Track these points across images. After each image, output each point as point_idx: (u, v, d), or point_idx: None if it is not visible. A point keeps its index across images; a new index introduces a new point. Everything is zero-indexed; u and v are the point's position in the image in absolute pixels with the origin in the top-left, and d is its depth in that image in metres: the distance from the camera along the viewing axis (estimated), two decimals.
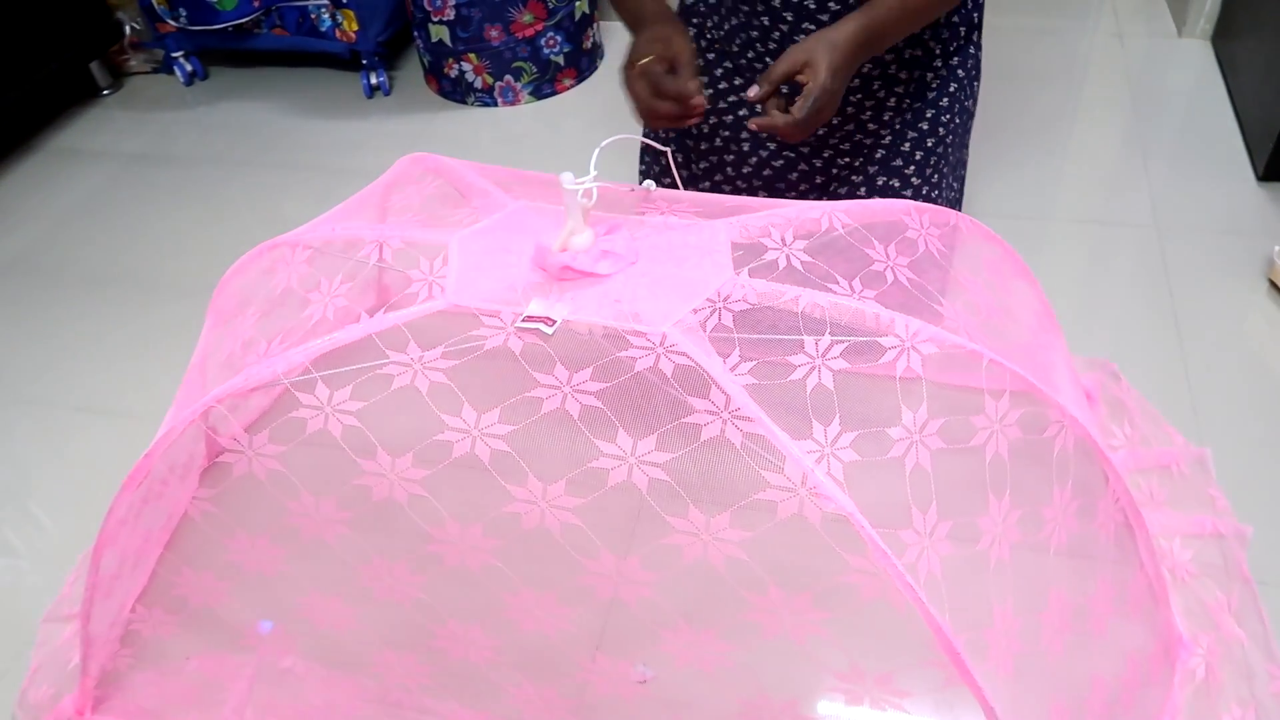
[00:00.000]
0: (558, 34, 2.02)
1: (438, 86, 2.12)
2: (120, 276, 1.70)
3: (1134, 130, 1.81)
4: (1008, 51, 2.01)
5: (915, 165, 1.19)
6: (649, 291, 0.84)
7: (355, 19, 2.03)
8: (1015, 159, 1.76)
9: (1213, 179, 1.67)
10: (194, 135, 2.08)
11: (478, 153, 1.94)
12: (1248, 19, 1.84)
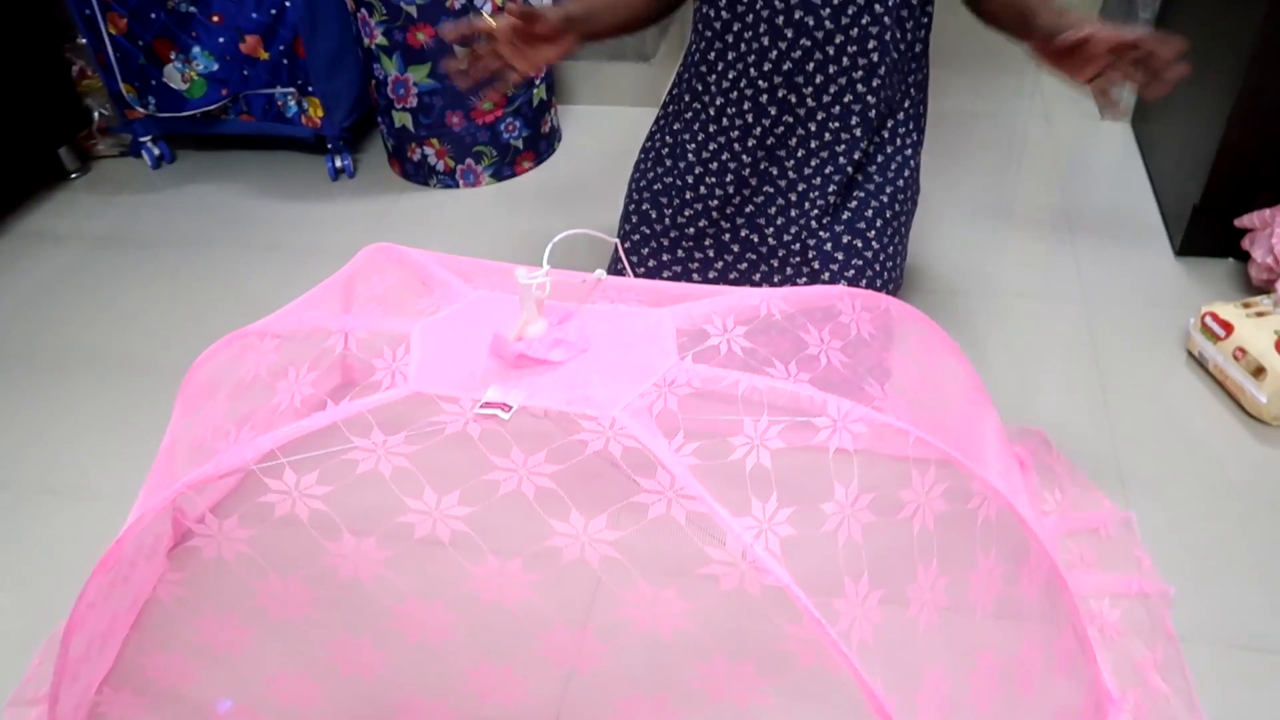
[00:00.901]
0: (517, 120, 2.11)
1: (401, 169, 2.20)
2: (84, 357, 1.73)
3: (1062, 207, 1.93)
4: (945, 133, 2.13)
5: (876, 231, 1.28)
6: (599, 377, 0.90)
7: (320, 106, 2.11)
8: (954, 234, 1.86)
9: (1134, 254, 1.78)
10: (160, 217, 2.13)
11: (440, 232, 2.02)
12: (1162, 102, 1.98)
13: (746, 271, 1.35)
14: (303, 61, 2.05)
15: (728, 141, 1.29)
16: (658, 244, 1.39)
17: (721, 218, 1.34)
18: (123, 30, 2.04)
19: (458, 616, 0.88)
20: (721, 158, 1.30)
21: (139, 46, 2.06)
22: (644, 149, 1.44)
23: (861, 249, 1.28)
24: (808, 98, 1.23)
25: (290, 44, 2.03)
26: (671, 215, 1.36)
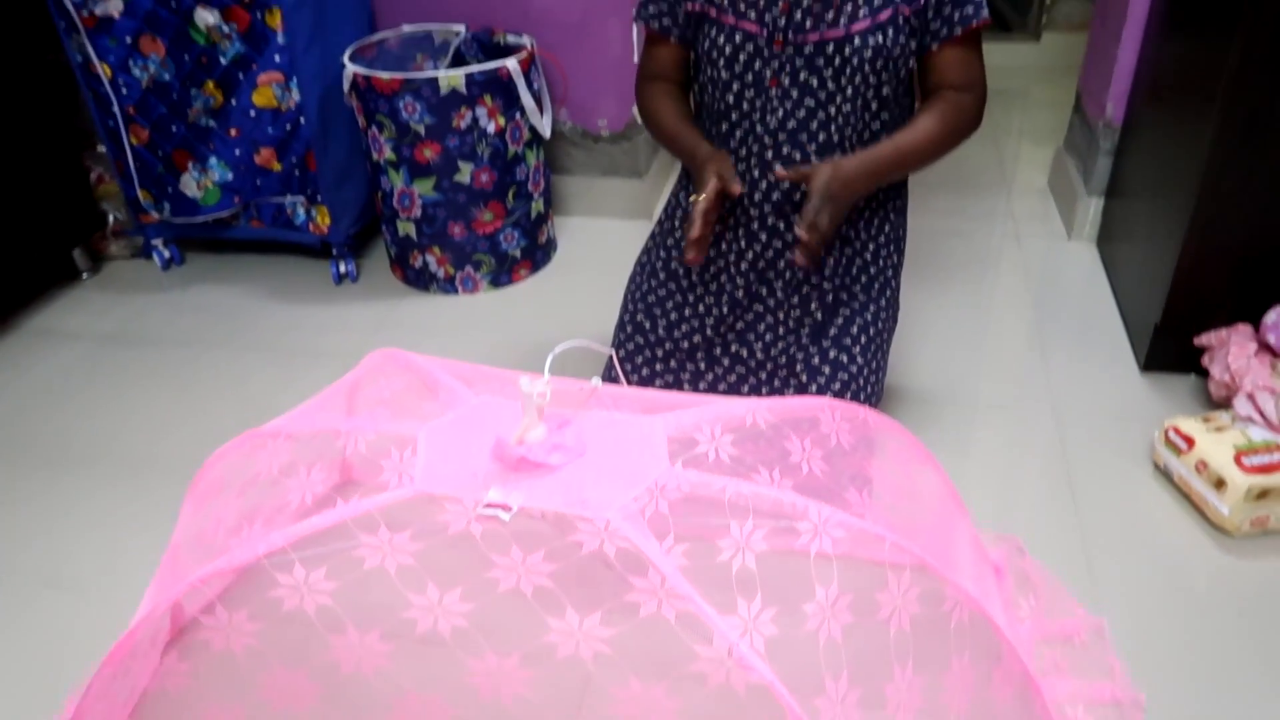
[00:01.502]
0: (515, 230, 2.21)
1: (402, 275, 2.29)
2: (88, 453, 1.77)
3: (1033, 323, 2.03)
4: (923, 251, 2.25)
5: (860, 347, 1.36)
6: (595, 481, 0.96)
7: (328, 214, 2.21)
8: (931, 349, 1.94)
9: (1102, 368, 1.87)
10: (167, 317, 2.20)
11: (439, 336, 2.09)
12: (1123, 227, 2.10)
13: (736, 384, 1.43)
14: (313, 173, 2.16)
15: (725, 265, 1.39)
16: (652, 354, 1.46)
17: (714, 333, 1.42)
18: (144, 141, 2.15)
19: (456, 711, 0.91)
20: (720, 279, 1.40)
21: (158, 156, 2.17)
22: (639, 262, 1.53)
23: (846, 364, 1.36)
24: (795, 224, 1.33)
25: (302, 156, 2.14)
26: (667, 328, 1.44)
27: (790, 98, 1.26)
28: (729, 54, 1.26)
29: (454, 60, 2.27)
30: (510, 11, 2.30)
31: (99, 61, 2.05)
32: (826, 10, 1.21)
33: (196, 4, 1.97)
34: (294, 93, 2.06)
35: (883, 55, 1.22)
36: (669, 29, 1.33)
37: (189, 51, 2.03)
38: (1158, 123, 1.94)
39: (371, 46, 2.24)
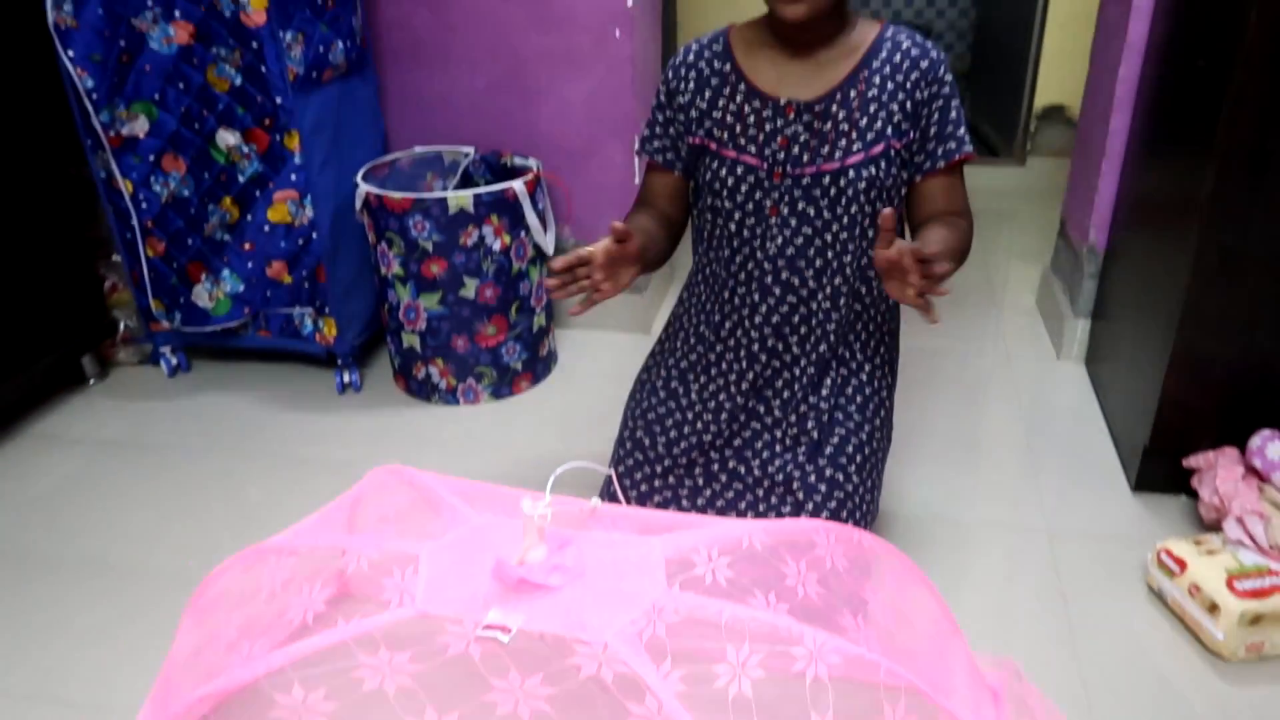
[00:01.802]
0: (517, 344, 2.26)
1: (405, 385, 2.33)
2: (88, 563, 1.77)
3: (1025, 443, 2.06)
4: (915, 370, 2.29)
5: (856, 466, 1.39)
6: (594, 602, 0.97)
7: (335, 325, 2.26)
8: (925, 468, 1.97)
9: (1093, 489, 1.89)
10: (172, 424, 2.23)
11: (439, 448, 2.12)
12: (1110, 348, 2.15)
13: (733, 500, 1.45)
14: (322, 285, 2.22)
15: (725, 384, 1.43)
16: (651, 470, 1.49)
17: (713, 450, 1.45)
18: (160, 253, 2.22)
19: None
20: (719, 398, 1.44)
21: (173, 268, 2.23)
22: (639, 379, 1.57)
23: (842, 483, 1.38)
24: (793, 345, 1.38)
25: (313, 269, 2.21)
26: (666, 445, 1.47)
27: (789, 225, 1.32)
28: (731, 185, 1.33)
29: (462, 180, 2.36)
30: (518, 136, 2.41)
31: (122, 177, 2.14)
32: (822, 145, 1.29)
33: (219, 126, 2.07)
34: (308, 209, 2.14)
35: (876, 186, 1.29)
36: (673, 162, 1.41)
37: (209, 169, 2.12)
38: (1139, 248, 2.01)
39: (384, 166, 2.33)
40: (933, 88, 1.28)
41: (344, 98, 2.22)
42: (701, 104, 1.35)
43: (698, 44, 1.38)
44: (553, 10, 2.28)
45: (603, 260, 1.20)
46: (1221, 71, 1.57)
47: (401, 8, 2.36)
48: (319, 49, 2.09)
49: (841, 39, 1.30)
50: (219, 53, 2.00)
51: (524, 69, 2.36)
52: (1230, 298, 1.67)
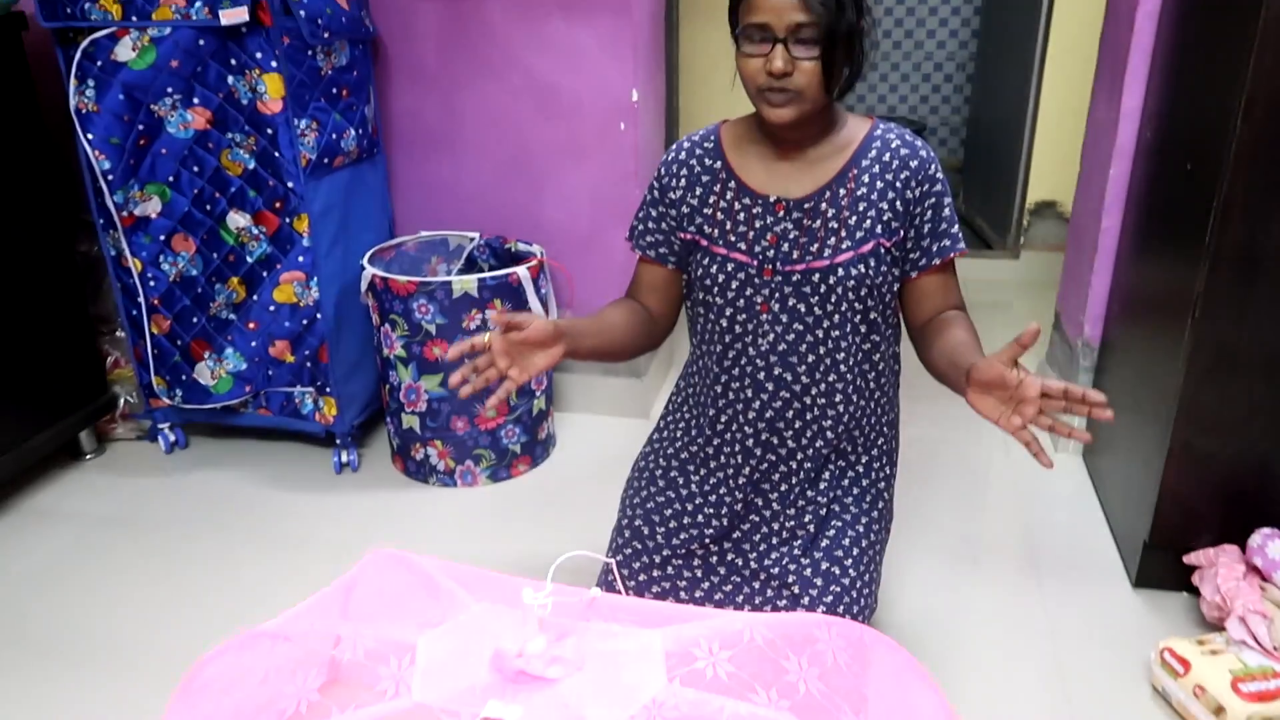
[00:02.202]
0: (517, 426, 2.27)
1: (403, 466, 2.32)
2: (75, 644, 1.74)
3: (1024, 536, 2.05)
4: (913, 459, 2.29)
5: (853, 559, 1.38)
6: (593, 696, 0.96)
7: (335, 405, 2.27)
8: (924, 561, 1.96)
9: (1094, 584, 1.88)
10: (167, 502, 2.22)
11: (436, 530, 2.10)
12: (1108, 442, 2.16)
13: (731, 593, 1.44)
14: (324, 365, 2.24)
15: (725, 477, 1.43)
16: (649, 560, 1.48)
17: (712, 542, 1.45)
18: (164, 330, 2.24)
19: None
20: (719, 491, 1.44)
21: (177, 345, 2.25)
22: (637, 467, 1.57)
23: (839, 575, 1.37)
24: (788, 440, 1.38)
25: (315, 350, 2.22)
26: (665, 535, 1.46)
27: (780, 322, 1.34)
28: (721, 281, 1.35)
29: (467, 264, 2.40)
30: (523, 222, 2.46)
31: (132, 256, 2.17)
32: (812, 242, 1.31)
33: (230, 208, 2.11)
34: (314, 290, 2.17)
35: (866, 283, 1.31)
36: (664, 257, 1.42)
37: (218, 250, 2.16)
38: (1134, 343, 2.04)
39: (390, 249, 2.37)
40: (924, 186, 1.31)
41: (354, 183, 2.27)
42: (693, 200, 1.37)
43: (689, 141, 1.41)
44: (560, 102, 2.35)
45: (500, 347, 1.21)
46: (1210, 175, 1.62)
47: (413, 97, 2.43)
48: (332, 136, 2.14)
49: (831, 136, 1.33)
50: (234, 138, 2.05)
51: (530, 158, 2.42)
52: (1226, 395, 1.69)
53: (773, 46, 1.20)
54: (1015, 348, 1.07)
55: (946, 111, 5.16)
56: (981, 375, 1.10)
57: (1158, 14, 1.99)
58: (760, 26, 1.20)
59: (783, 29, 1.19)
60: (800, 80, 1.21)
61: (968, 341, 1.24)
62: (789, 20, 1.18)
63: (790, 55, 1.19)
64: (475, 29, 2.33)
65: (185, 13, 1.92)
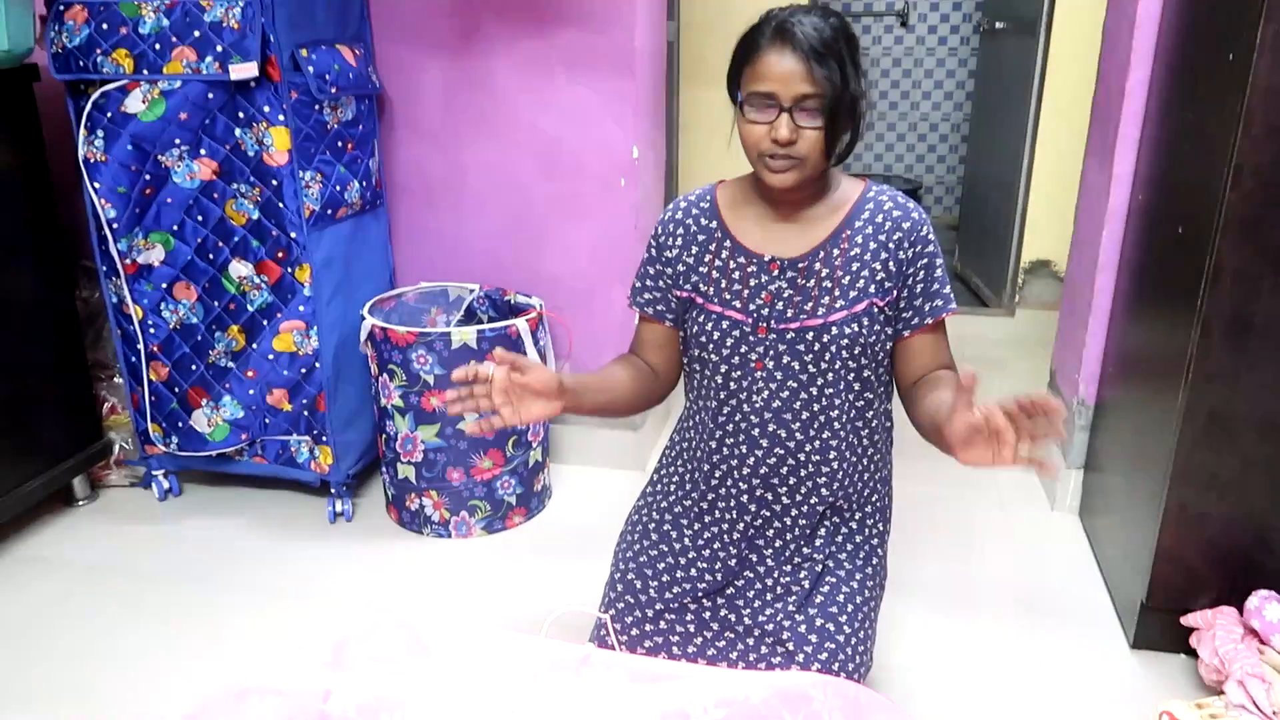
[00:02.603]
0: (512, 477, 2.27)
1: (397, 516, 2.31)
2: (61, 693, 1.72)
3: (1020, 595, 2.04)
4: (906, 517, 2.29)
5: (848, 616, 1.37)
6: None
7: (331, 454, 2.27)
8: (918, 619, 1.94)
9: (1091, 645, 1.86)
10: (159, 550, 2.20)
11: (429, 581, 2.09)
12: (1103, 501, 2.16)
13: (725, 649, 1.43)
14: (321, 414, 2.24)
15: (719, 532, 1.43)
16: (641, 614, 1.47)
17: (705, 597, 1.44)
18: (163, 378, 2.25)
19: None
20: (713, 546, 1.44)
21: (174, 393, 2.25)
22: (630, 521, 1.56)
23: (834, 633, 1.37)
24: (782, 496, 1.39)
25: (313, 398, 2.23)
26: (658, 590, 1.46)
27: (775, 379, 1.35)
28: (717, 338, 1.36)
29: (466, 315, 2.41)
30: (523, 275, 2.48)
31: (133, 303, 2.18)
32: (806, 301, 1.33)
33: (233, 257, 2.13)
34: (313, 339, 2.18)
35: (860, 342, 1.33)
36: (662, 314, 1.44)
37: (219, 298, 2.17)
38: (1129, 403, 2.05)
39: (390, 299, 2.39)
40: (916, 247, 1.33)
41: (356, 233, 2.30)
42: (689, 259, 1.40)
43: (686, 201, 1.44)
44: (561, 159, 2.39)
45: (501, 385, 1.21)
46: (1201, 241, 1.64)
47: (417, 151, 2.47)
48: (336, 188, 2.17)
49: (826, 198, 1.36)
50: (239, 189, 2.08)
51: (531, 212, 2.45)
52: (1220, 457, 1.69)
53: (778, 115, 1.22)
54: (965, 397, 1.09)
55: (942, 171, 5.24)
56: (957, 437, 1.11)
57: (1148, 81, 2.03)
58: (766, 95, 1.23)
59: (788, 99, 1.22)
60: (803, 148, 1.24)
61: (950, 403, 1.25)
62: (795, 91, 1.21)
63: (794, 124, 1.22)
64: (480, 86, 2.38)
65: (196, 67, 1.96)
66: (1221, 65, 1.62)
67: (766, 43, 1.23)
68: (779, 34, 1.22)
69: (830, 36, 1.22)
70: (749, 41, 1.26)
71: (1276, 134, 1.52)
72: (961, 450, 1.12)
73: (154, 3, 1.96)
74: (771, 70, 1.22)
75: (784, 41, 1.22)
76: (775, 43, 1.22)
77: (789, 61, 1.21)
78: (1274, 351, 1.62)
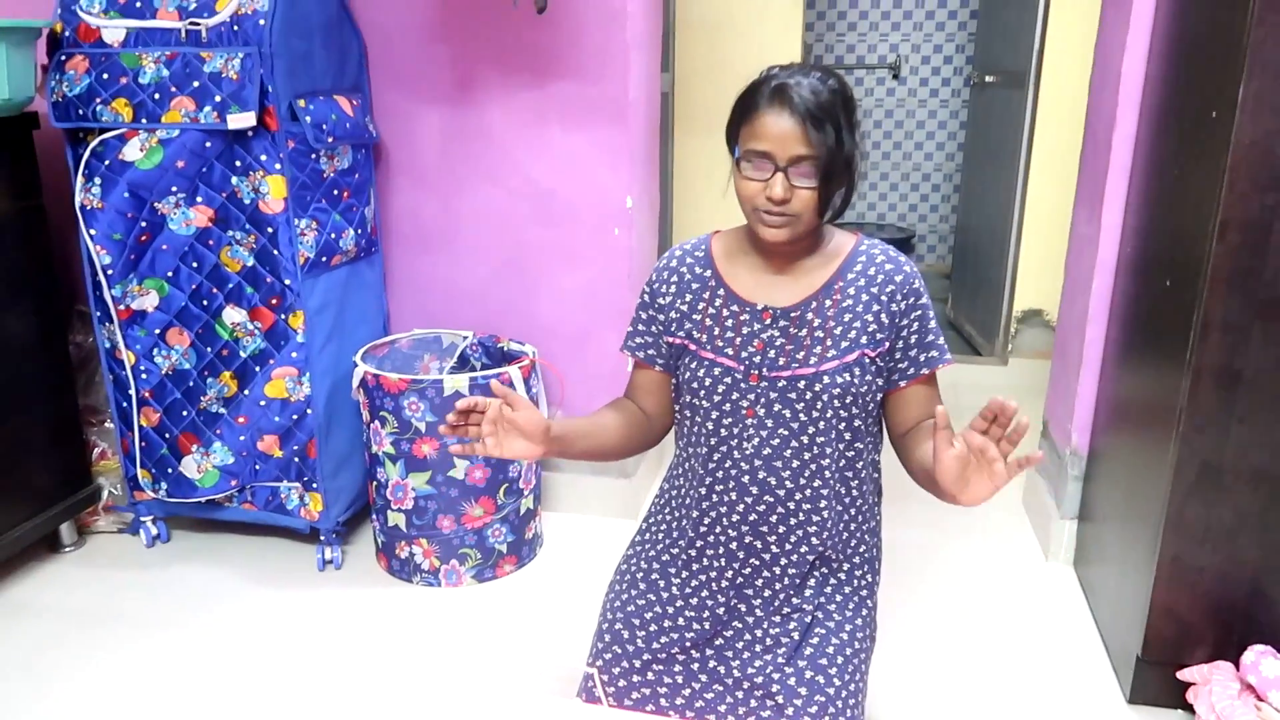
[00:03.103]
0: (504, 525, 2.25)
1: (387, 564, 2.29)
2: None
3: (1015, 647, 2.02)
4: (898, 567, 2.28)
5: (838, 668, 1.36)
6: None
7: (321, 501, 2.25)
8: (911, 670, 1.92)
9: (1088, 699, 1.84)
10: (145, 596, 2.18)
11: (418, 631, 2.06)
12: (1097, 551, 2.15)
13: (713, 701, 1.41)
14: (312, 460, 2.23)
15: (707, 580, 1.42)
16: (629, 664, 1.45)
17: (694, 648, 1.42)
18: (153, 423, 2.24)
19: None
20: (701, 594, 1.42)
21: (165, 438, 2.25)
22: (619, 570, 1.55)
23: (824, 685, 1.35)
24: (771, 545, 1.38)
25: (304, 445, 2.22)
26: (646, 640, 1.44)
27: (766, 427, 1.35)
28: (708, 385, 1.37)
29: (460, 362, 2.42)
30: (516, 321, 2.49)
31: (126, 348, 2.18)
32: (798, 350, 1.34)
33: (227, 303, 2.14)
34: (305, 385, 2.18)
35: (851, 392, 1.33)
36: (653, 359, 1.45)
37: (212, 344, 2.17)
38: (1121, 453, 2.05)
39: (383, 346, 2.39)
40: (909, 299, 1.34)
41: (350, 280, 2.31)
42: (682, 306, 1.41)
43: (681, 249, 1.45)
44: (556, 207, 2.41)
45: (491, 415, 1.23)
46: (1189, 293, 1.66)
47: (413, 198, 2.49)
48: (331, 235, 2.19)
49: (819, 250, 1.38)
50: (235, 236, 2.09)
51: (526, 259, 2.47)
52: (1212, 509, 1.69)
53: (773, 173, 1.24)
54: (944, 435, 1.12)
55: (935, 220, 5.29)
56: (950, 477, 1.12)
57: (1134, 136, 2.06)
58: (762, 153, 1.25)
59: (783, 159, 1.24)
60: (796, 206, 1.26)
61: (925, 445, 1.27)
62: (791, 152, 1.24)
63: (789, 183, 1.24)
64: (476, 135, 2.41)
65: (194, 116, 1.98)
66: (1205, 122, 1.65)
67: (765, 103, 1.25)
68: (777, 95, 1.25)
69: (827, 99, 1.25)
70: (748, 100, 1.29)
71: (1260, 189, 1.54)
72: (961, 491, 1.13)
73: (154, 53, 1.99)
74: (768, 130, 1.24)
75: (782, 103, 1.24)
76: (774, 104, 1.25)
77: (785, 123, 1.23)
78: (1263, 402, 1.62)
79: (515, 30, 2.30)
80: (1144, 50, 2.03)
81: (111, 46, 2.02)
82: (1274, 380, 1.61)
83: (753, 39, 3.42)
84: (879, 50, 5.06)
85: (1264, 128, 1.51)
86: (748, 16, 3.44)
